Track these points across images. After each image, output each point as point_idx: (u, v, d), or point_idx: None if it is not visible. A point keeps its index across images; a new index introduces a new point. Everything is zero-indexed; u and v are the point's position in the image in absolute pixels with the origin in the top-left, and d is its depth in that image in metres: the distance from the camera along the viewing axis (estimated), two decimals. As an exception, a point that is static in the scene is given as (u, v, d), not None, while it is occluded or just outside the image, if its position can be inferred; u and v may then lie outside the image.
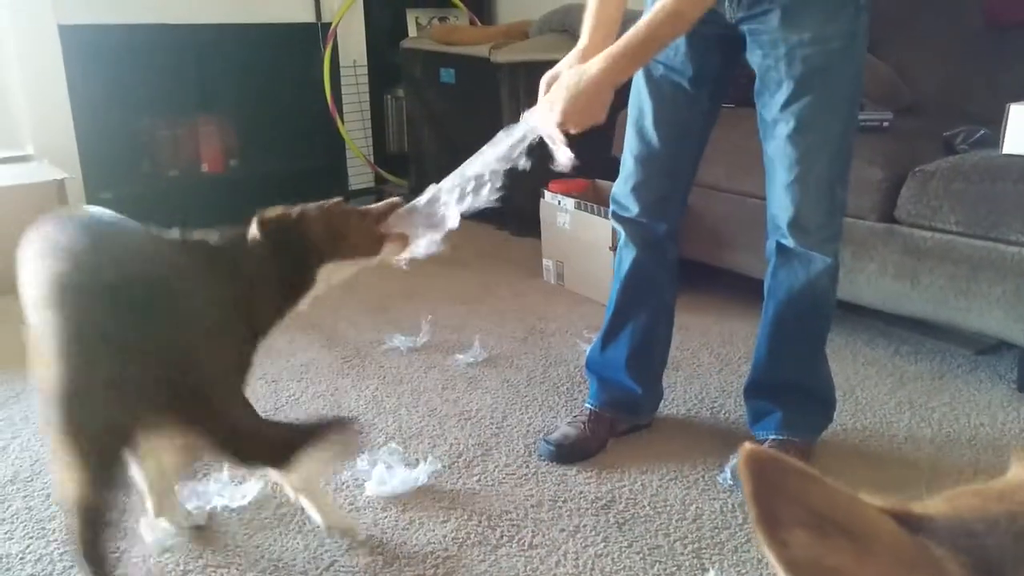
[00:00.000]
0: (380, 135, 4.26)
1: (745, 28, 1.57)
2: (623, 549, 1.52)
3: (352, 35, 4.01)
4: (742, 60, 1.63)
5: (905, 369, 2.26)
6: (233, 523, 1.59)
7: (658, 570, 1.47)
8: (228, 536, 1.55)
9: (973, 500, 0.48)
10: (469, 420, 1.99)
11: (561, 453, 1.81)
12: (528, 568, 1.47)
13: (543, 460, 1.81)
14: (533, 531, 1.57)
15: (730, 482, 1.71)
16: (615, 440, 1.88)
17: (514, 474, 1.76)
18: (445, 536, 1.56)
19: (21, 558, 1.49)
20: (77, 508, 1.14)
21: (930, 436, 1.92)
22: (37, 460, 1.80)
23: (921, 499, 0.50)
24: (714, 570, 1.46)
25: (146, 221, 1.41)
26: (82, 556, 1.15)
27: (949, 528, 0.45)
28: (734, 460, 1.76)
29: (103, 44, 3.33)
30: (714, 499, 1.66)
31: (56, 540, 1.54)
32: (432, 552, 1.51)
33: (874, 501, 0.45)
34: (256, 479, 1.66)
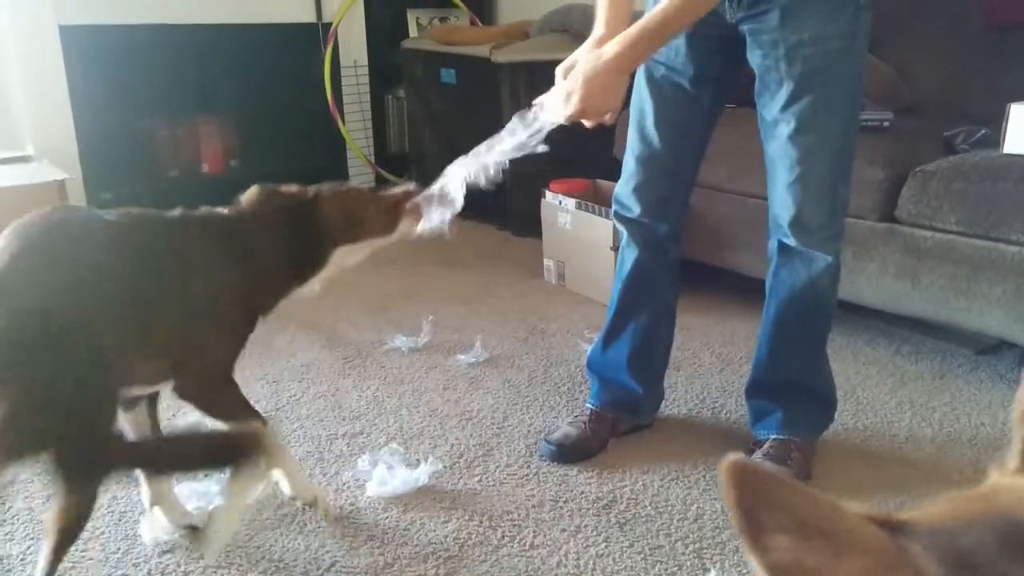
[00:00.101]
0: (381, 135, 4.26)
1: (745, 28, 1.57)
2: (624, 549, 1.52)
3: (353, 35, 4.01)
4: (744, 61, 1.63)
5: (906, 369, 2.26)
6: (234, 523, 1.58)
7: (659, 570, 1.47)
8: (229, 536, 1.55)
9: (950, 505, 0.49)
10: (470, 420, 1.99)
11: (562, 453, 1.81)
12: (529, 568, 1.47)
13: (544, 460, 1.81)
14: (534, 531, 1.57)
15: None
16: (616, 440, 1.88)
17: (515, 474, 1.76)
18: (446, 536, 1.56)
19: (22, 559, 1.49)
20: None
21: (931, 436, 1.92)
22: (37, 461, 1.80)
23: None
24: (715, 570, 1.46)
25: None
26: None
27: (927, 530, 0.46)
28: (735, 460, 1.76)
29: (103, 44, 3.33)
30: (715, 499, 1.66)
31: (57, 540, 1.54)
32: (433, 552, 1.51)
33: (853, 507, 0.46)
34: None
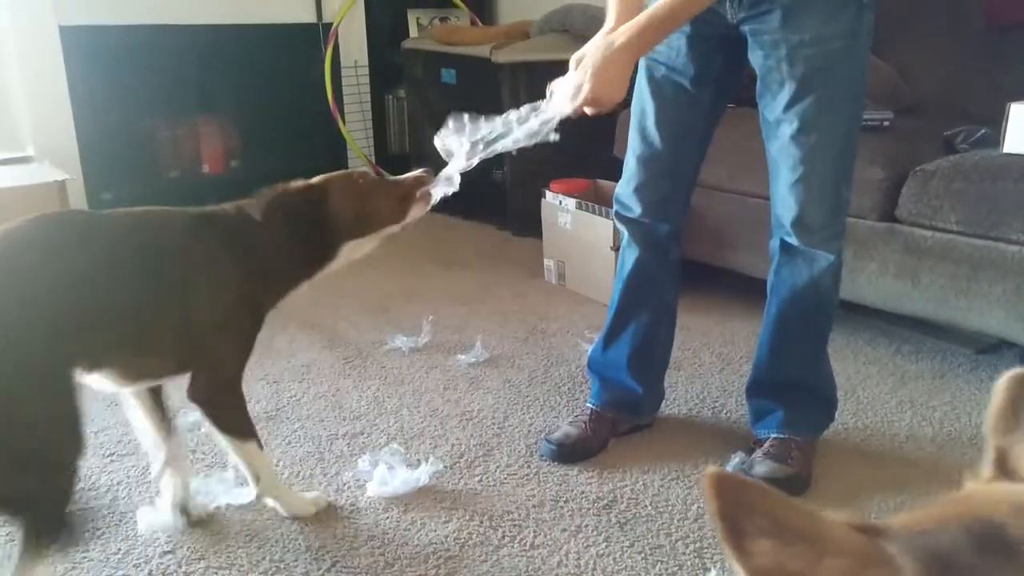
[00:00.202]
0: (381, 135, 4.27)
1: (746, 28, 1.57)
2: (625, 549, 1.52)
3: (353, 35, 4.01)
4: (745, 61, 1.63)
5: (906, 368, 2.26)
6: (235, 523, 1.59)
7: (660, 570, 1.47)
8: (230, 536, 1.55)
9: (925, 511, 0.51)
10: (471, 420, 1.99)
11: (563, 452, 1.81)
12: (530, 568, 1.47)
13: (544, 460, 1.81)
14: (535, 531, 1.57)
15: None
16: (616, 440, 1.88)
17: (516, 474, 1.76)
18: (447, 536, 1.56)
19: (23, 559, 1.49)
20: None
21: (931, 435, 1.92)
22: (39, 461, 1.80)
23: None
24: (716, 570, 1.46)
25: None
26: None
27: (903, 533, 0.48)
28: (735, 459, 1.76)
29: (104, 45, 3.33)
30: (716, 499, 1.66)
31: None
32: (434, 552, 1.51)
33: (831, 515, 0.48)
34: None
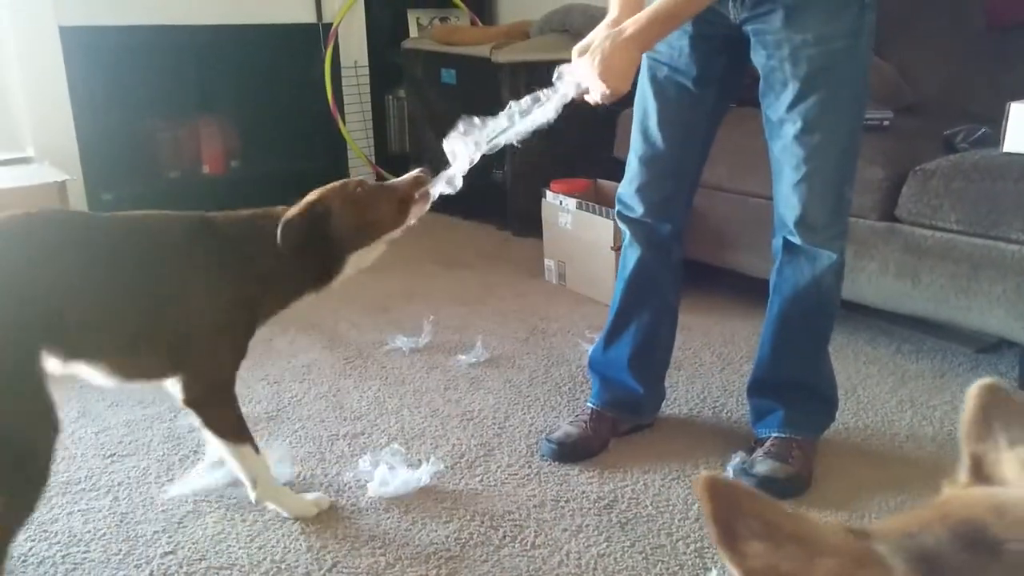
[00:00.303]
0: (381, 135, 4.26)
1: (749, 29, 1.57)
2: (625, 549, 1.52)
3: (353, 35, 4.01)
4: (748, 61, 1.63)
5: (906, 368, 2.26)
6: (236, 524, 1.59)
7: (660, 570, 1.47)
8: (231, 537, 1.55)
9: (909, 516, 0.53)
10: (471, 420, 1.99)
11: (563, 452, 1.81)
12: (531, 568, 1.47)
13: (545, 460, 1.81)
14: (536, 531, 1.57)
15: (732, 481, 1.71)
16: (617, 440, 1.88)
17: (516, 474, 1.76)
18: (447, 537, 1.56)
19: (24, 560, 1.49)
20: None
21: (931, 434, 1.92)
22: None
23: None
24: (716, 569, 1.46)
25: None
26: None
27: (891, 535, 0.50)
28: (736, 459, 1.76)
29: (104, 45, 3.33)
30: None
31: (59, 543, 1.54)
32: (435, 553, 1.51)
33: (819, 518, 0.50)
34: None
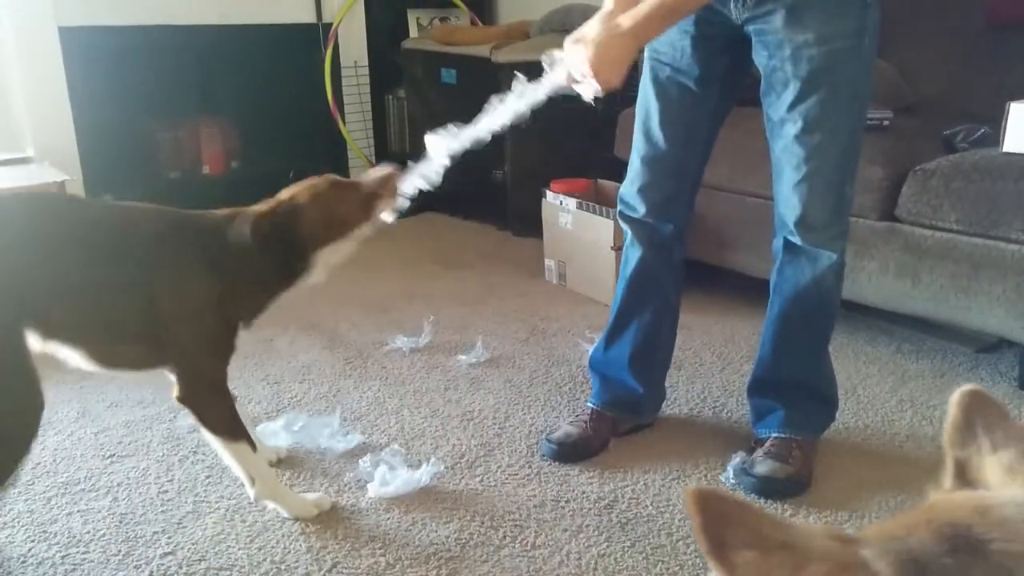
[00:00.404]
0: (381, 135, 4.26)
1: (751, 29, 1.57)
2: (626, 549, 1.52)
3: (353, 36, 4.01)
4: (750, 61, 1.62)
5: (906, 367, 2.26)
6: (236, 524, 1.59)
7: (661, 570, 1.47)
8: (231, 537, 1.55)
9: (894, 522, 0.54)
10: (471, 421, 1.99)
11: (563, 452, 1.81)
12: (531, 568, 1.47)
13: (546, 460, 1.81)
14: (536, 531, 1.57)
15: (732, 481, 1.71)
16: (617, 440, 1.88)
17: (517, 474, 1.76)
18: (448, 537, 1.56)
19: (23, 561, 1.49)
20: None
21: (931, 434, 1.92)
22: (38, 463, 1.80)
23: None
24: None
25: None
26: None
27: (876, 540, 0.51)
28: (736, 459, 1.76)
29: (103, 46, 3.32)
30: (716, 499, 1.66)
31: (58, 543, 1.54)
32: (435, 553, 1.51)
33: (806, 526, 0.51)
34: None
